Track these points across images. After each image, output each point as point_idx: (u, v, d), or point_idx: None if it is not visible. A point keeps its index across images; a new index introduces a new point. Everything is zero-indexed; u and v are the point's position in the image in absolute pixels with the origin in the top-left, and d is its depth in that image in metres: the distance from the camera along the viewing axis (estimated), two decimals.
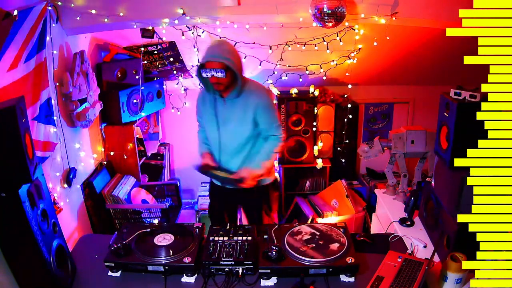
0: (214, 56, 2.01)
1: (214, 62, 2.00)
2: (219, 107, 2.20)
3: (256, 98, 2.15)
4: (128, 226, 2.03)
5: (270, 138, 2.25)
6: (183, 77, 3.68)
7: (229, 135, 2.23)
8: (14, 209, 1.50)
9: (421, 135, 2.57)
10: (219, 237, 1.90)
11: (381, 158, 2.82)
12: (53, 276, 1.64)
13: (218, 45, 2.09)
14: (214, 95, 2.19)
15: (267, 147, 2.25)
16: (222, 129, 2.23)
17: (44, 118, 2.42)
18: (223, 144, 2.27)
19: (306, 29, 2.94)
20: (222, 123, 2.22)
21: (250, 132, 2.20)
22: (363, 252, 1.94)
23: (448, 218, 1.93)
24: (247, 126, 2.18)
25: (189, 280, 1.78)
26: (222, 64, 2.00)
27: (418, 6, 2.52)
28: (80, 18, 2.60)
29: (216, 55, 2.00)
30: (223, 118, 2.21)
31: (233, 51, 2.09)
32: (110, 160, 3.35)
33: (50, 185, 2.50)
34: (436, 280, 1.77)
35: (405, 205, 2.43)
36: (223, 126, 2.22)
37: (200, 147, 2.43)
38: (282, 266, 1.73)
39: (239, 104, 2.16)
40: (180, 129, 4.13)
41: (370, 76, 3.84)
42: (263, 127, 2.22)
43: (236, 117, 2.18)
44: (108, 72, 3.20)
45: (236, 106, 2.17)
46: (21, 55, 2.17)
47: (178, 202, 3.69)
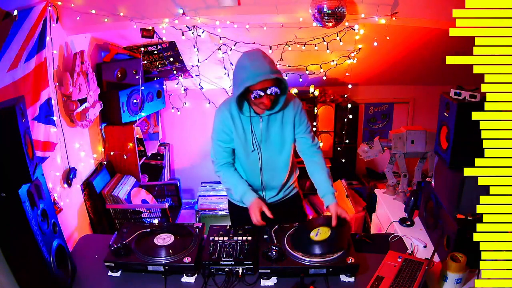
0: (266, 73, 1.76)
1: (266, 81, 1.78)
2: (255, 125, 1.99)
3: (293, 105, 2.01)
4: (128, 226, 2.03)
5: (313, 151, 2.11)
6: (183, 77, 3.68)
7: (272, 152, 2.05)
8: (14, 209, 1.50)
9: (421, 135, 2.57)
10: (219, 237, 1.90)
11: (381, 158, 2.82)
12: (53, 276, 1.64)
13: (260, 59, 1.81)
14: (248, 114, 1.96)
15: (321, 160, 2.10)
16: (264, 147, 2.03)
17: (44, 118, 2.42)
18: (265, 163, 2.06)
19: (306, 29, 2.94)
20: (263, 141, 2.02)
21: (292, 145, 2.07)
22: (363, 252, 1.94)
23: (448, 218, 1.93)
24: (290, 138, 2.04)
25: (189, 280, 1.78)
26: (275, 81, 1.81)
27: (418, 6, 2.52)
28: (80, 18, 2.60)
29: (267, 71, 1.77)
30: (262, 136, 2.01)
31: (272, 59, 1.87)
32: (110, 160, 3.35)
33: (50, 185, 2.50)
34: (436, 280, 1.77)
35: (405, 205, 2.43)
36: (264, 144, 2.03)
37: (235, 187, 2.07)
38: (282, 266, 1.73)
39: (277, 118, 1.99)
40: (180, 129, 4.13)
41: (370, 76, 3.84)
42: (301, 137, 2.07)
43: (277, 132, 2.01)
44: (108, 72, 3.20)
45: (274, 119, 1.99)
46: (21, 55, 2.17)
47: (178, 202, 3.69)
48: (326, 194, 2.02)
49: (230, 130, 2.00)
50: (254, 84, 1.76)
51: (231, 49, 3.20)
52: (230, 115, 1.97)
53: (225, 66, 3.46)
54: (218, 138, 2.04)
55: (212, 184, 4.05)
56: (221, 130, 2.02)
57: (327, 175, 2.07)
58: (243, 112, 1.95)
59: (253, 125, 1.98)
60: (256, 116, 1.97)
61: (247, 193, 2.03)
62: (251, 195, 2.02)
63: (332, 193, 2.02)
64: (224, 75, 3.56)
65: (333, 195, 2.02)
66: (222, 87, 3.82)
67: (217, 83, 3.76)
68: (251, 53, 1.85)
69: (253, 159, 2.05)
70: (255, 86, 1.78)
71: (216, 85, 3.78)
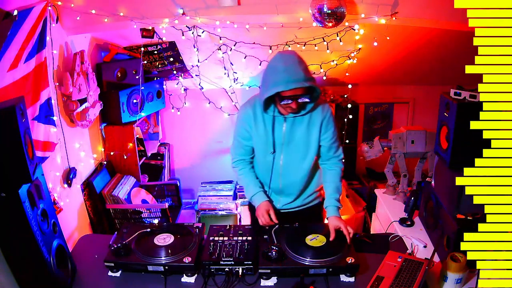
0: (299, 80, 1.71)
1: (299, 89, 1.72)
2: (278, 127, 1.93)
3: (321, 110, 1.92)
4: (128, 226, 2.03)
5: (334, 162, 2.05)
6: (183, 77, 3.68)
7: (294, 156, 1.97)
8: (14, 209, 1.50)
9: (421, 135, 2.57)
10: (219, 237, 1.90)
11: (381, 158, 2.82)
12: (53, 276, 1.64)
13: (295, 64, 1.74)
14: (272, 114, 1.90)
15: (337, 172, 2.04)
16: (286, 151, 1.96)
17: (44, 118, 2.42)
18: (284, 167, 1.99)
19: (306, 29, 2.94)
20: (285, 144, 1.95)
21: (316, 151, 1.99)
22: (363, 252, 1.94)
23: (448, 218, 1.93)
24: (315, 143, 1.96)
25: (189, 280, 1.78)
26: (308, 88, 1.75)
27: (418, 6, 2.52)
28: (80, 18, 2.60)
29: (301, 78, 1.71)
30: (285, 138, 1.94)
31: (306, 64, 1.79)
32: (110, 160, 3.35)
33: (50, 185, 2.50)
34: (436, 280, 1.77)
35: (405, 205, 2.43)
36: (286, 147, 1.96)
37: (248, 186, 2.04)
38: (282, 266, 1.73)
39: (303, 121, 1.92)
40: (180, 129, 4.13)
41: (370, 76, 3.84)
42: (325, 145, 1.99)
43: (301, 136, 1.94)
44: (108, 72, 3.20)
45: (300, 121, 1.92)
46: (21, 55, 2.16)
47: (178, 202, 3.69)
48: (329, 206, 1.98)
49: (251, 128, 1.97)
50: (286, 90, 1.72)
51: (231, 49, 3.20)
52: (253, 113, 1.94)
53: (225, 66, 3.46)
54: (239, 134, 2.03)
55: (212, 184, 4.05)
56: (242, 127, 1.99)
57: (337, 188, 2.01)
58: (267, 111, 1.90)
59: (276, 126, 1.93)
60: (280, 116, 1.91)
61: (258, 195, 2.00)
62: (262, 198, 1.99)
63: (335, 206, 1.96)
64: (224, 75, 3.56)
65: (336, 208, 1.96)
66: (222, 87, 3.82)
67: (217, 83, 3.76)
68: (287, 56, 1.78)
69: (272, 161, 1.99)
70: (286, 92, 1.73)
71: (216, 85, 3.78)
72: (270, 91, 1.74)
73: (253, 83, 3.76)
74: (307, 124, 1.92)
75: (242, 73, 3.61)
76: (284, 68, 1.72)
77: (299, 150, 1.96)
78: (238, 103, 3.86)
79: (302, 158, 1.99)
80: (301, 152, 1.97)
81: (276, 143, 1.95)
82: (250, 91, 3.81)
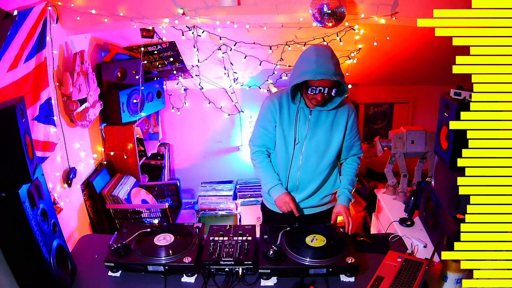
0: (328, 73, 1.74)
1: (327, 81, 1.76)
2: (302, 119, 1.95)
3: (347, 110, 1.96)
4: (128, 226, 2.03)
5: (353, 159, 2.10)
6: (183, 77, 3.68)
7: (314, 151, 1.98)
8: (14, 209, 1.50)
9: (421, 135, 2.57)
10: (219, 237, 1.90)
11: (381, 158, 2.82)
12: (53, 276, 1.63)
13: (327, 57, 1.78)
14: (299, 105, 1.93)
15: (355, 167, 2.09)
16: (307, 145, 1.97)
17: (44, 118, 2.42)
18: (304, 161, 2.00)
19: (306, 29, 2.94)
20: (308, 137, 1.96)
21: (337, 150, 2.00)
22: (363, 252, 1.94)
23: (448, 218, 1.93)
24: (337, 142, 1.98)
25: (189, 280, 1.78)
26: (335, 82, 1.78)
27: (418, 6, 2.52)
28: (80, 18, 2.60)
29: (331, 72, 1.74)
30: (308, 131, 1.95)
31: (338, 60, 1.83)
32: (110, 160, 3.35)
33: (50, 185, 2.50)
34: (436, 280, 1.77)
35: (405, 205, 2.43)
36: (308, 142, 1.97)
37: (266, 178, 2.05)
38: (282, 266, 1.73)
39: (329, 116, 1.95)
40: (180, 129, 4.13)
41: (370, 76, 3.84)
42: (347, 143, 2.04)
43: (324, 132, 1.96)
44: (108, 72, 3.20)
45: (325, 118, 1.95)
46: (21, 55, 2.16)
47: (178, 202, 3.69)
48: (341, 194, 2.07)
49: (274, 119, 1.98)
50: (314, 80, 1.76)
51: (231, 49, 3.20)
52: (279, 104, 1.96)
53: (225, 66, 3.46)
54: (261, 124, 2.04)
55: (212, 184, 4.05)
56: (265, 117, 2.01)
57: (352, 181, 2.08)
58: (294, 102, 1.93)
59: (300, 116, 1.95)
60: (306, 108, 1.94)
61: (277, 187, 2.02)
62: (281, 190, 2.01)
63: (346, 196, 2.04)
64: (224, 75, 3.56)
65: (346, 198, 2.04)
66: (222, 87, 3.82)
67: (217, 83, 3.76)
68: (320, 49, 1.82)
69: (293, 153, 1.99)
70: (314, 82, 1.77)
71: (216, 85, 3.78)
72: (299, 78, 1.79)
73: (253, 83, 3.76)
74: (331, 121, 1.97)
75: (242, 73, 3.61)
76: (315, 59, 1.77)
77: (320, 146, 1.99)
78: (238, 103, 3.86)
79: (322, 154, 2.01)
80: (322, 148, 2.00)
81: (300, 135, 1.97)
82: (250, 91, 3.81)
